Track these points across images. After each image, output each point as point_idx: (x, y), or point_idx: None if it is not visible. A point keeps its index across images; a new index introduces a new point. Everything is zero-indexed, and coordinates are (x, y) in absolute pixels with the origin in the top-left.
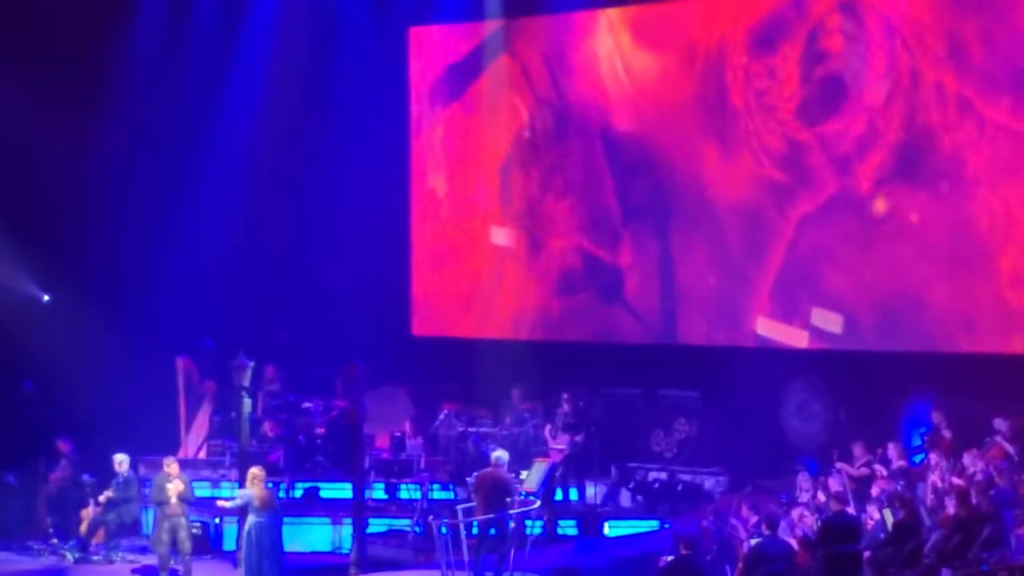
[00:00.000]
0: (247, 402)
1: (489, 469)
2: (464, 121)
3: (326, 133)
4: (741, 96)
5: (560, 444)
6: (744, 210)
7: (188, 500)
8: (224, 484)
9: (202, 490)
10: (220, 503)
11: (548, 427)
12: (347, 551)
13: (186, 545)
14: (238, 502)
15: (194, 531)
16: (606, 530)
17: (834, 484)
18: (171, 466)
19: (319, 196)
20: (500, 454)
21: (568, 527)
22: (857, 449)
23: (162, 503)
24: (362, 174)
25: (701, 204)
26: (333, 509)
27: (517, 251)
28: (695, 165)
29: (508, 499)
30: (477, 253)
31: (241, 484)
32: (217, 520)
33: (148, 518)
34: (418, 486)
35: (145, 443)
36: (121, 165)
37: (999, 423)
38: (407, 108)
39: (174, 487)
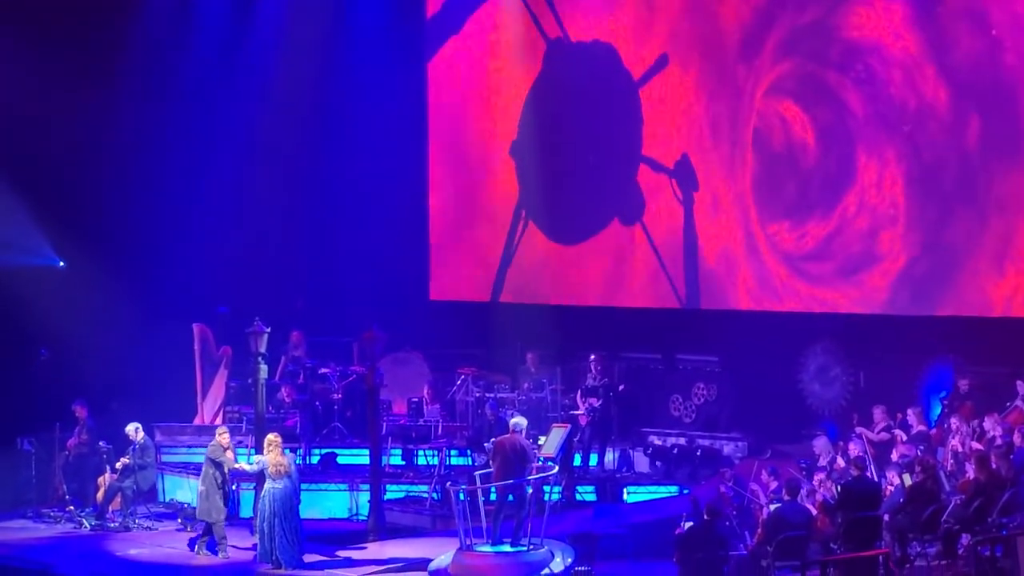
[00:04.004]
0: (263, 368)
1: (507, 435)
2: (481, 77)
3: (342, 98)
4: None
5: (581, 409)
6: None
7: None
8: (240, 451)
9: None
10: (237, 466)
11: (579, 391)
12: (364, 518)
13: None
14: (255, 467)
15: None
16: (625, 496)
17: (854, 449)
18: (224, 435)
19: (335, 161)
20: (518, 420)
21: (587, 493)
22: (877, 414)
23: (222, 468)
24: (378, 138)
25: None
26: (350, 475)
27: (533, 210)
28: (714, 108)
29: (526, 465)
30: (494, 217)
31: (258, 450)
32: (234, 487)
33: (163, 484)
34: (436, 452)
35: (161, 409)
36: (137, 130)
37: (1020, 387)
38: (423, 73)
39: (231, 455)
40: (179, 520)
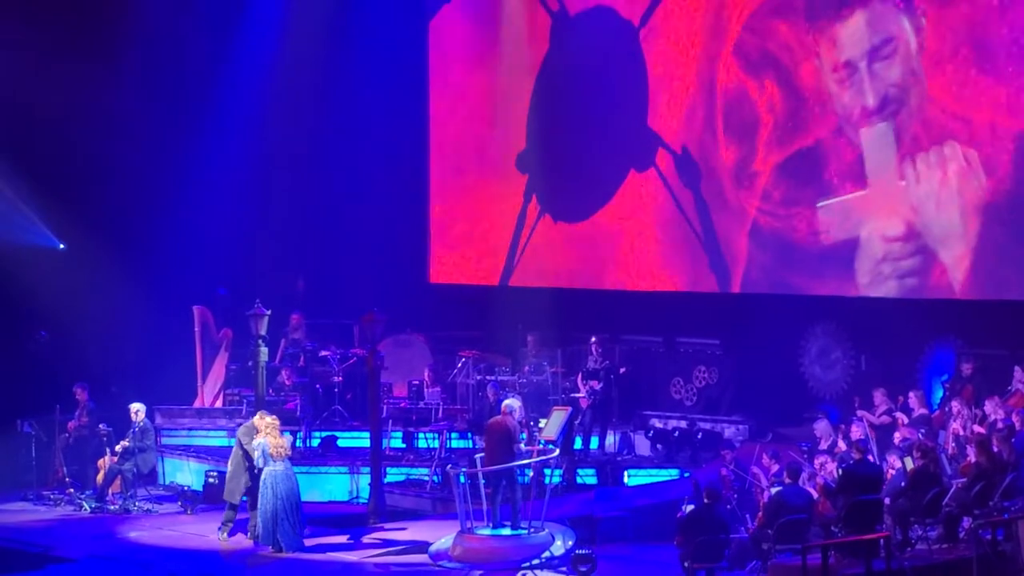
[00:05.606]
0: (263, 350)
1: (498, 417)
2: (482, 59)
3: (343, 80)
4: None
5: (582, 391)
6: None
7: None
8: None
9: (219, 439)
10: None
11: (580, 373)
12: (365, 500)
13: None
14: (259, 453)
15: (211, 480)
16: (625, 479)
17: (855, 432)
18: (263, 421)
19: (336, 144)
20: (511, 402)
21: (587, 476)
22: (878, 397)
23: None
24: (380, 122)
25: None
26: (351, 458)
27: (539, 189)
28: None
29: (511, 447)
30: (495, 200)
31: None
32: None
33: (163, 467)
34: (436, 435)
35: (162, 392)
36: (137, 112)
37: (1018, 372)
38: (425, 53)
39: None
40: (179, 503)
